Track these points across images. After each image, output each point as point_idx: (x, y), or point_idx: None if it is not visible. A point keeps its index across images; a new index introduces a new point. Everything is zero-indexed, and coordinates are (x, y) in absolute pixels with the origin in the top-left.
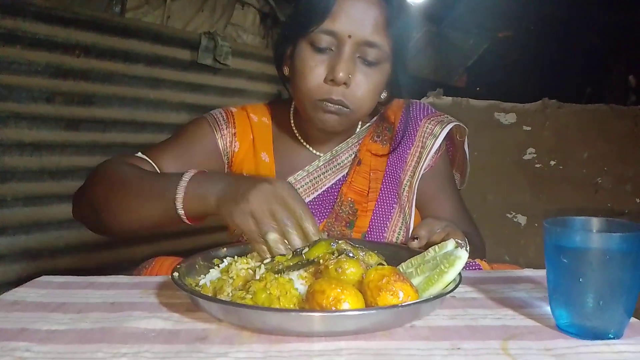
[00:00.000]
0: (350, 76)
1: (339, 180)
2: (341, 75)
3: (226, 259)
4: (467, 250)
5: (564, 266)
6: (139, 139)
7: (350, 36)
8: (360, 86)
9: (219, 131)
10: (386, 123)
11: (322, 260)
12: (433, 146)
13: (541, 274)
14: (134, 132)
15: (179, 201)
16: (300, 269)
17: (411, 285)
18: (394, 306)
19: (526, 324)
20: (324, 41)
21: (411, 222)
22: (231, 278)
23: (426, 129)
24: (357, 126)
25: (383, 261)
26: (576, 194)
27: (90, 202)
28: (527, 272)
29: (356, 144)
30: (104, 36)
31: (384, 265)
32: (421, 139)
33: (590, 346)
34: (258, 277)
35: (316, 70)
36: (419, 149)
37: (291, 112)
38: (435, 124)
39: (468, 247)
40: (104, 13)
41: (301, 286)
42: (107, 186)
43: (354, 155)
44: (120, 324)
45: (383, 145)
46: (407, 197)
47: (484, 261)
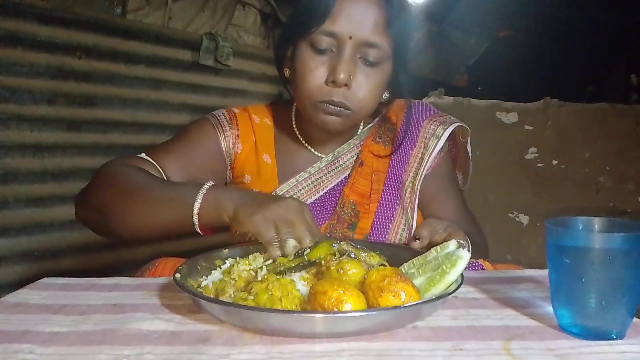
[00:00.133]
0: (351, 77)
1: (340, 181)
2: (342, 76)
3: (228, 260)
4: (469, 251)
5: (565, 266)
6: (140, 140)
7: (350, 37)
8: (362, 87)
9: (222, 132)
10: (388, 124)
11: (323, 261)
12: (435, 147)
13: (543, 273)
14: (135, 133)
15: (196, 207)
16: (302, 270)
17: (413, 285)
18: (396, 307)
19: (528, 324)
20: (324, 42)
21: (413, 223)
22: (233, 279)
23: (428, 130)
24: (358, 127)
25: (385, 262)
26: (578, 193)
27: (95, 205)
28: (529, 272)
29: (358, 145)
30: (105, 37)
31: (385, 266)
32: (423, 140)
33: (592, 346)
34: (260, 278)
35: (317, 72)
36: (421, 149)
37: (293, 113)
38: (437, 125)
39: (470, 248)
40: (105, 14)
41: (303, 287)
42: (115, 189)
43: (355, 157)
44: (123, 325)
45: (385, 147)
46: (409, 198)
47: (486, 261)
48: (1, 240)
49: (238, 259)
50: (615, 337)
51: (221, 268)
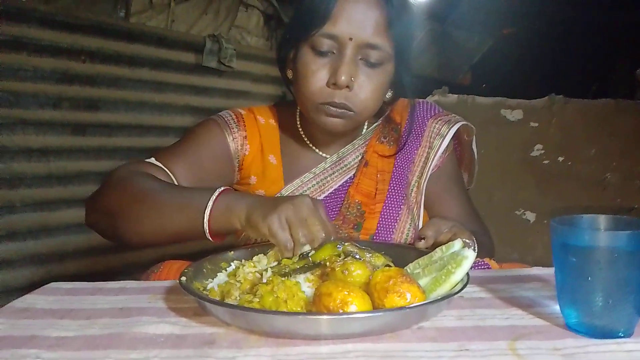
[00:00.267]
0: (353, 79)
1: (345, 182)
2: (343, 78)
3: (233, 263)
4: (475, 250)
5: (572, 265)
6: (145, 142)
7: (351, 39)
8: (363, 88)
9: (230, 134)
10: (392, 124)
11: (328, 262)
12: (440, 146)
13: (549, 272)
14: (139, 135)
15: (207, 213)
16: (307, 272)
17: (418, 286)
18: (401, 308)
19: (535, 323)
20: (325, 45)
21: (419, 224)
22: (238, 282)
23: (433, 129)
24: (363, 127)
25: (390, 262)
26: (584, 190)
27: (106, 210)
28: (535, 270)
29: (363, 145)
30: (109, 41)
31: (390, 266)
32: (428, 139)
33: (599, 345)
34: (265, 280)
35: (318, 74)
36: (426, 149)
37: (297, 114)
38: (442, 124)
39: (476, 247)
40: (108, 18)
41: (308, 289)
42: (125, 195)
43: (360, 157)
44: (129, 329)
45: (390, 146)
46: (415, 198)
47: (492, 260)
48: (8, 244)
49: (243, 261)
50: (622, 335)
51: (226, 270)
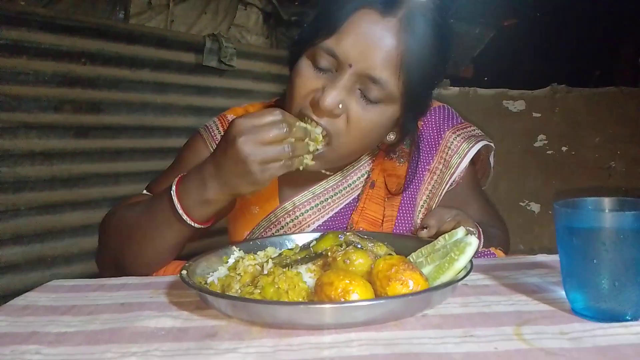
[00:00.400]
0: (341, 106)
1: (349, 204)
2: (328, 101)
3: (233, 256)
4: (478, 238)
5: (576, 248)
6: (147, 143)
7: (350, 65)
8: (351, 121)
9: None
10: None
11: (329, 252)
12: (458, 167)
13: (554, 258)
14: (142, 137)
15: (181, 213)
16: (308, 262)
17: (421, 274)
18: (404, 295)
19: (540, 308)
20: (324, 60)
21: None
22: (239, 275)
23: (451, 145)
24: None
25: (392, 252)
26: (589, 178)
27: (110, 261)
28: (540, 257)
29: (369, 161)
30: (109, 43)
31: (392, 255)
32: (443, 155)
33: (606, 329)
34: (266, 271)
35: (308, 85)
36: (440, 166)
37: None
38: (461, 140)
39: (481, 235)
40: (107, 20)
41: (309, 279)
42: (117, 239)
43: (366, 175)
44: (130, 324)
45: (399, 164)
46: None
47: (499, 250)
48: (14, 247)
49: (243, 254)
50: (629, 318)
51: (227, 264)
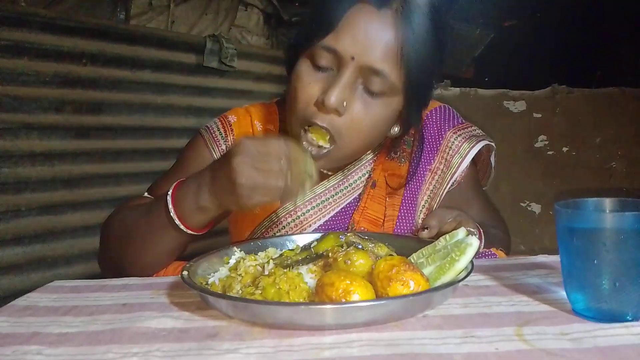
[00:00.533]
0: (345, 104)
1: (350, 203)
2: (333, 100)
3: (234, 257)
4: (479, 239)
5: (577, 249)
6: (148, 144)
7: (353, 58)
8: (356, 118)
9: (218, 152)
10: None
11: (330, 253)
12: (459, 167)
13: (555, 259)
14: (143, 137)
15: (177, 220)
16: (309, 263)
17: (422, 274)
18: (405, 296)
19: (541, 309)
20: (324, 58)
21: None
22: (240, 275)
23: (452, 145)
24: None
25: (393, 252)
26: (591, 179)
27: (111, 262)
28: (541, 257)
29: (370, 161)
30: (110, 44)
31: (393, 256)
32: (444, 155)
33: (607, 329)
34: (267, 272)
35: (309, 89)
36: (441, 166)
37: None
38: (462, 141)
39: (482, 236)
40: (108, 21)
41: (310, 280)
42: (118, 240)
43: (367, 175)
44: (131, 324)
45: (401, 164)
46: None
47: (499, 250)
48: (15, 248)
49: (244, 254)
50: (630, 318)
51: (228, 264)
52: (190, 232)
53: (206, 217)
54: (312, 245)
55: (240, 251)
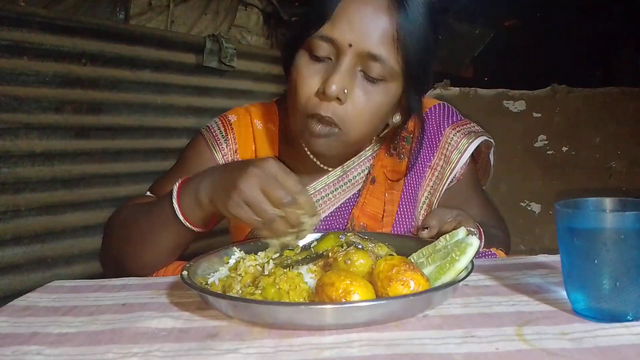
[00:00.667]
0: (346, 91)
1: (349, 199)
2: (333, 88)
3: (234, 257)
4: (480, 238)
5: (577, 248)
6: (148, 144)
7: (350, 45)
8: (357, 105)
9: (219, 151)
10: (403, 132)
11: (330, 253)
12: (458, 162)
13: (555, 259)
14: (143, 137)
15: (179, 215)
16: (309, 263)
17: (422, 274)
18: (405, 296)
19: (541, 309)
20: (321, 49)
21: None
22: (239, 275)
23: (450, 141)
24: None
25: (393, 252)
26: (590, 179)
27: (112, 260)
28: (541, 257)
29: (370, 157)
30: (110, 44)
31: (393, 256)
32: (444, 151)
33: (608, 329)
34: (267, 272)
35: (309, 81)
36: (440, 162)
37: None
38: (461, 137)
39: (482, 236)
40: (108, 21)
41: (310, 280)
42: (118, 239)
43: (367, 171)
44: (131, 324)
45: (400, 160)
46: (424, 217)
47: (499, 250)
48: (15, 248)
49: (244, 254)
50: (631, 318)
51: (228, 264)
52: (191, 226)
53: (202, 212)
54: (312, 245)
55: (240, 251)
